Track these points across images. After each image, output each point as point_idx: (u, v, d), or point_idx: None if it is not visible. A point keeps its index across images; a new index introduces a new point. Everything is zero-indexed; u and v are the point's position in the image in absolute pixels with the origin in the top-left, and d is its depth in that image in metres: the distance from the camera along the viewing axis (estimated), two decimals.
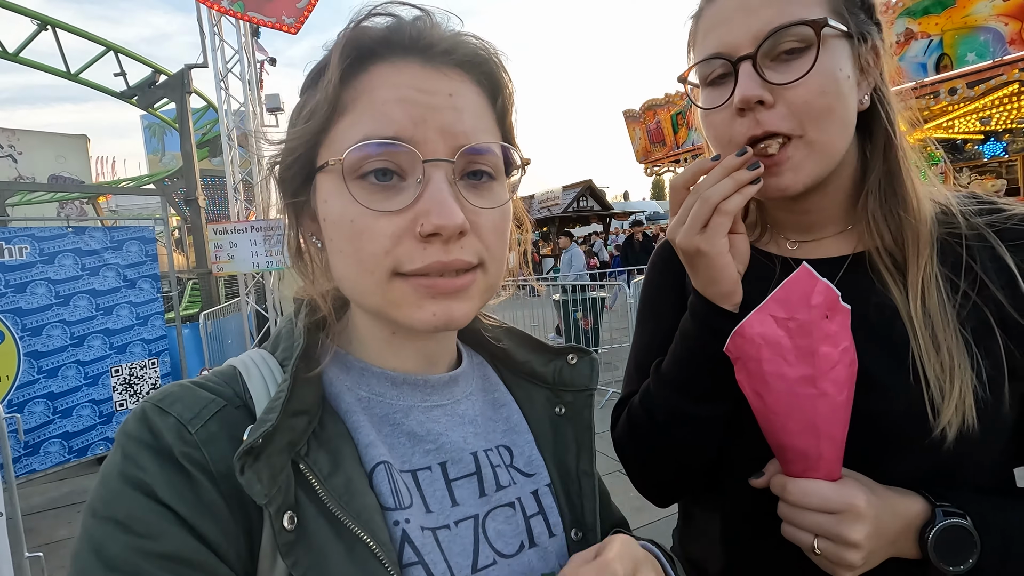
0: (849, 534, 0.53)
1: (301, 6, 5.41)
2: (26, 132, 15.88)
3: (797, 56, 0.59)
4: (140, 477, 0.41)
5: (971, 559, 0.55)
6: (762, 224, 0.74)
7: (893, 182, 0.64)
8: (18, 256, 4.07)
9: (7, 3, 6.59)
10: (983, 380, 0.57)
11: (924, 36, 8.68)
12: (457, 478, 0.53)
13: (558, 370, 0.64)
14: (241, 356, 0.53)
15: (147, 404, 0.45)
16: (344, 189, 0.46)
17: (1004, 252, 0.60)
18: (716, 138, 0.65)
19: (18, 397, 4.00)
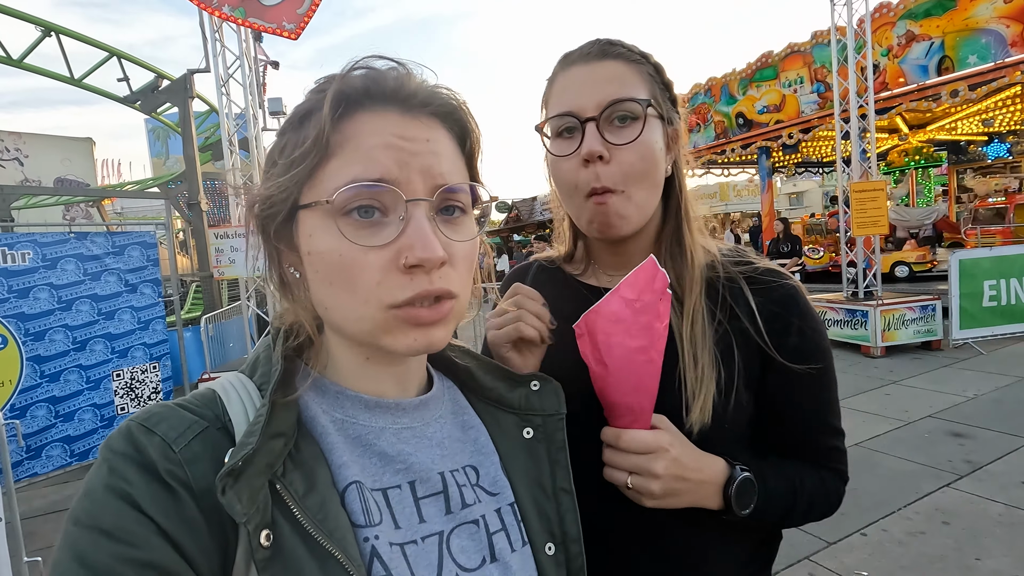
0: (654, 467, 0.69)
1: (301, 12, 5.44)
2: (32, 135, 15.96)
3: (628, 125, 0.76)
4: (126, 489, 0.43)
5: (753, 503, 0.74)
6: (586, 260, 0.92)
7: (680, 237, 0.83)
8: (21, 262, 4.11)
9: (12, 10, 6.65)
10: (720, 388, 0.75)
11: (925, 38, 8.65)
12: (424, 496, 0.56)
13: (524, 396, 0.68)
14: (219, 380, 0.55)
15: (132, 423, 0.47)
16: (332, 225, 0.50)
17: (749, 294, 0.79)
18: (563, 180, 0.80)
19: (20, 401, 4.03)
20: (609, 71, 0.76)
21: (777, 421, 0.81)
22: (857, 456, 4.04)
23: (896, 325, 6.94)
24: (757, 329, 0.78)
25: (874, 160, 7.62)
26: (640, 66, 0.78)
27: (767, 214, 12.65)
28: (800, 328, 0.79)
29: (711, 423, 0.73)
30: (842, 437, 0.84)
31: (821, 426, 0.82)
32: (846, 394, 5.46)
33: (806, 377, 0.77)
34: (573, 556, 0.63)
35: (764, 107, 11.19)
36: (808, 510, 0.80)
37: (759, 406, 0.80)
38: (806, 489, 0.79)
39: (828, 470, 0.82)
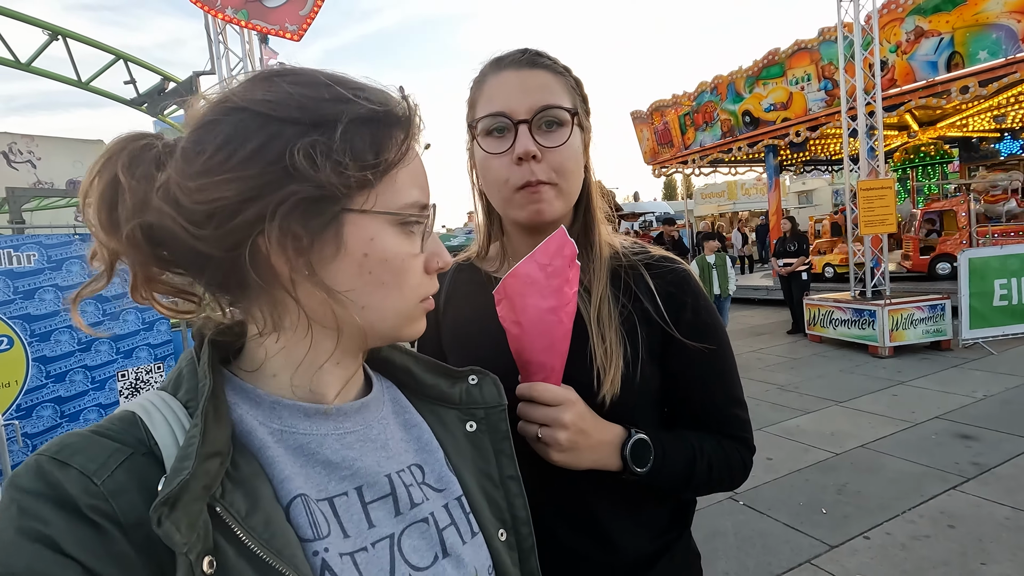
0: (562, 416, 0.75)
1: (303, 13, 5.47)
2: (45, 138, 16.16)
3: (555, 130, 0.83)
4: (41, 531, 0.39)
5: (649, 463, 0.81)
6: (502, 256, 0.97)
7: (588, 232, 0.91)
8: (26, 263, 4.16)
9: (19, 14, 6.73)
10: (627, 362, 0.83)
11: (934, 34, 8.53)
12: (372, 500, 0.55)
13: (465, 391, 0.70)
14: (138, 399, 0.51)
15: (41, 457, 0.43)
16: (395, 234, 0.54)
17: (649, 279, 0.88)
18: (495, 177, 0.85)
19: (27, 402, 4.08)
20: (539, 79, 0.83)
21: (680, 392, 0.90)
22: (861, 458, 4.00)
23: (904, 325, 6.86)
24: (657, 308, 0.86)
25: (882, 158, 7.53)
26: (564, 78, 0.85)
27: (774, 212, 12.55)
28: (693, 306, 0.88)
29: (620, 393, 0.81)
30: (743, 407, 0.92)
31: (720, 395, 0.90)
32: (851, 395, 5.40)
33: (704, 351, 0.86)
34: (523, 537, 0.66)
35: (771, 105, 11.09)
36: (709, 472, 0.86)
37: (664, 379, 0.89)
38: (705, 452, 0.86)
39: (729, 438, 0.90)
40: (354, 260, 0.52)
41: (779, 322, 9.41)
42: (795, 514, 3.27)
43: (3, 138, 15.58)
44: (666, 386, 0.89)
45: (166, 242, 0.49)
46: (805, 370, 6.51)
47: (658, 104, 13.90)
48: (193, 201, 0.46)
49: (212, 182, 0.46)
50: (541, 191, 0.82)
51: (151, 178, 0.47)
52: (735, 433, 0.91)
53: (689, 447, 0.86)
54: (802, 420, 4.85)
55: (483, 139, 0.85)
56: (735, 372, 0.92)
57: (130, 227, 0.47)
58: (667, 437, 0.85)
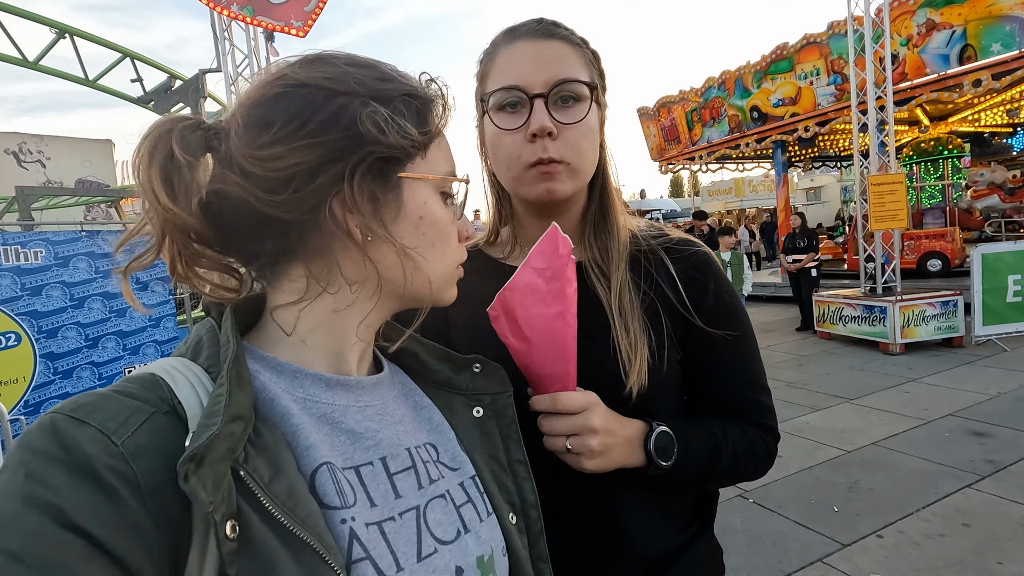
0: (591, 421, 0.71)
1: (308, 9, 5.46)
2: (54, 138, 16.31)
3: (572, 105, 0.79)
4: (48, 499, 0.37)
5: (673, 456, 0.77)
6: (512, 242, 0.93)
7: (605, 215, 0.86)
8: (34, 260, 4.17)
9: (26, 12, 6.76)
10: (652, 351, 0.80)
11: (946, 27, 8.40)
12: (397, 472, 0.55)
13: (470, 378, 0.70)
14: (158, 362, 0.51)
15: (57, 415, 0.41)
16: (440, 200, 0.59)
17: (669, 263, 0.85)
18: (506, 154, 0.81)
19: (34, 398, 4.09)
20: (556, 50, 0.78)
21: (701, 379, 0.86)
22: (874, 455, 3.95)
23: (916, 321, 6.78)
24: (678, 294, 0.83)
25: (892, 153, 7.44)
26: (582, 50, 0.81)
27: (783, 209, 12.45)
28: (715, 291, 0.85)
29: (648, 384, 0.78)
30: (766, 393, 0.89)
31: (743, 381, 0.87)
32: (862, 392, 5.34)
33: (726, 337, 0.83)
34: (532, 521, 0.66)
35: (779, 100, 10.98)
36: (734, 463, 0.82)
37: (685, 366, 0.85)
38: (730, 441, 0.82)
39: (753, 425, 0.86)
40: (411, 222, 0.56)
41: (787, 319, 9.33)
42: (806, 512, 3.23)
43: (13, 138, 15.73)
44: (687, 373, 0.86)
45: (226, 213, 0.51)
46: (814, 367, 6.45)
47: (665, 100, 13.82)
48: (267, 169, 0.49)
49: (288, 149, 0.49)
50: (553, 169, 0.79)
51: (202, 154, 0.50)
52: (759, 420, 0.87)
53: (712, 437, 0.82)
54: (812, 417, 4.80)
55: (495, 114, 0.80)
56: (758, 358, 0.89)
57: (199, 197, 0.50)
58: (690, 428, 0.82)
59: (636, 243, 0.87)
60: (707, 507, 0.92)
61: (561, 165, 0.79)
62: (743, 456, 0.83)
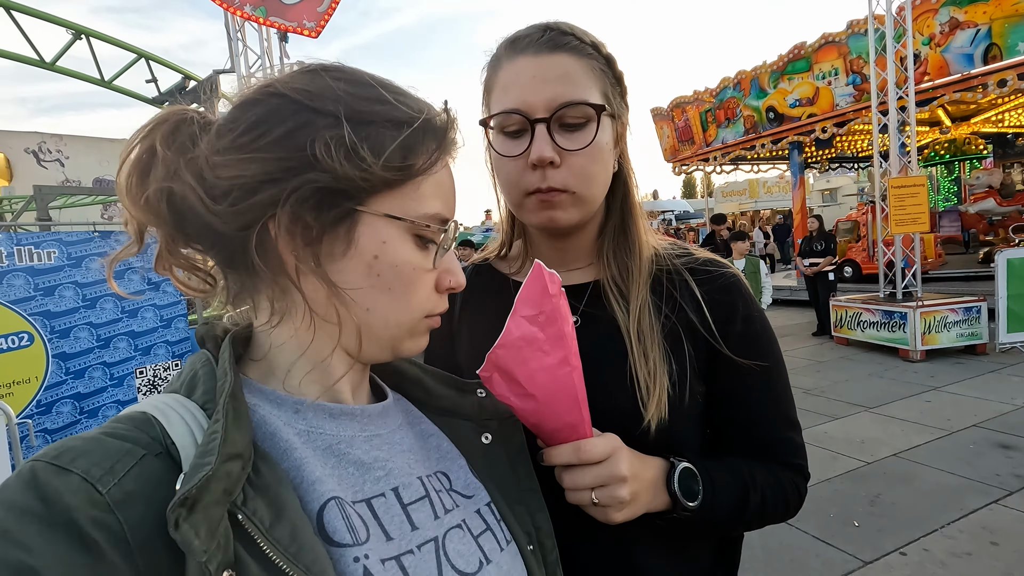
0: (619, 470, 0.64)
1: (321, 10, 5.44)
2: (72, 137, 16.58)
3: (579, 129, 0.72)
4: (24, 561, 0.34)
5: (699, 496, 0.70)
6: (523, 257, 0.88)
7: (626, 231, 0.81)
8: (47, 260, 4.19)
9: (43, 13, 6.83)
10: (673, 382, 0.73)
11: (971, 25, 8.19)
12: (411, 502, 0.53)
13: (476, 403, 0.67)
14: (149, 401, 0.47)
15: (38, 464, 0.38)
16: (410, 243, 0.53)
17: (694, 285, 0.78)
18: (507, 181, 0.76)
19: (46, 398, 4.11)
20: (560, 67, 0.71)
21: (727, 412, 0.79)
22: (895, 467, 3.83)
23: (937, 327, 6.61)
24: (703, 319, 0.77)
25: (914, 154, 7.28)
26: (592, 60, 0.74)
27: (799, 211, 12.25)
28: (745, 316, 0.78)
29: (668, 418, 0.72)
30: (797, 430, 0.82)
31: (772, 416, 0.80)
32: (882, 400, 5.20)
33: (755, 367, 0.76)
34: (548, 551, 0.63)
35: (796, 100, 10.80)
36: (762, 505, 0.75)
37: (709, 398, 0.79)
38: (758, 483, 0.76)
39: (781, 464, 0.79)
40: (363, 260, 0.51)
41: (803, 323, 9.17)
42: (825, 527, 3.13)
43: (33, 137, 16.00)
44: (711, 406, 0.79)
45: (185, 214, 0.49)
46: (832, 374, 6.31)
47: (679, 100, 13.67)
48: (215, 176, 0.46)
49: (236, 159, 0.46)
50: (554, 199, 0.73)
51: (185, 150, 0.48)
52: (789, 460, 0.80)
53: (740, 478, 0.75)
54: (830, 426, 4.68)
55: (496, 137, 0.76)
56: (789, 391, 0.82)
57: (150, 191, 0.48)
58: (714, 466, 0.75)
59: (658, 262, 0.81)
60: (731, 553, 0.85)
61: (564, 194, 0.73)
62: (772, 499, 0.77)
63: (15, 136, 15.90)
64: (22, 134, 16.09)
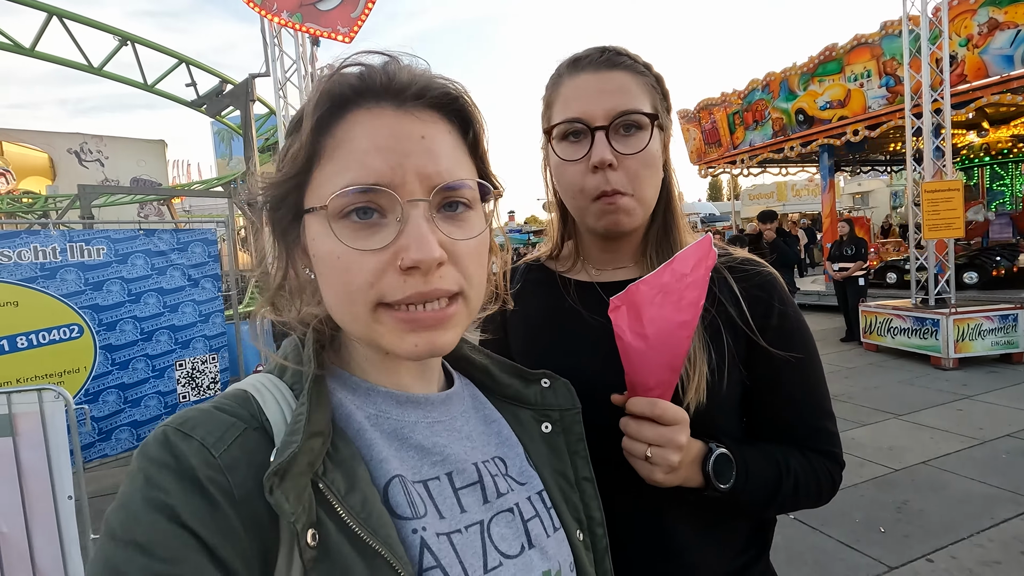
0: (679, 438, 0.71)
1: (354, 15, 5.59)
2: (112, 138, 17.15)
3: (634, 135, 0.80)
4: (164, 500, 0.42)
5: (731, 479, 0.76)
6: (575, 257, 0.95)
7: (667, 232, 0.87)
8: (96, 256, 4.40)
9: (94, 21, 7.14)
10: (712, 369, 0.79)
11: (1011, 26, 7.97)
12: (463, 487, 0.57)
13: (539, 392, 0.70)
14: (249, 379, 0.55)
15: (168, 428, 0.46)
16: (330, 229, 0.50)
17: (733, 282, 0.84)
18: (569, 184, 0.84)
19: (94, 387, 4.32)
20: (617, 81, 0.80)
21: (764, 402, 0.85)
22: (924, 475, 3.79)
23: (971, 335, 6.45)
24: (741, 313, 0.83)
25: (949, 158, 7.11)
26: (644, 77, 0.82)
27: (828, 215, 12.03)
28: (781, 311, 0.84)
29: (706, 402, 0.77)
30: (832, 419, 0.87)
31: (808, 406, 0.85)
32: (912, 408, 5.12)
33: (791, 359, 0.82)
34: (598, 538, 0.66)
35: (827, 103, 10.63)
36: (796, 490, 0.81)
37: (747, 388, 0.85)
38: (792, 468, 0.81)
39: (816, 452, 0.84)
40: (312, 260, 0.54)
41: (832, 329, 9.02)
42: (851, 531, 3.12)
43: (76, 138, 16.61)
44: (749, 395, 0.85)
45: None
46: (860, 380, 6.22)
47: (706, 102, 13.55)
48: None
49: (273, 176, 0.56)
50: (618, 202, 0.80)
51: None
52: (823, 447, 0.85)
53: (774, 463, 0.81)
54: (857, 432, 4.63)
55: (558, 144, 0.83)
56: (823, 382, 0.87)
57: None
58: (750, 451, 0.81)
59: None
60: (764, 533, 0.91)
61: (625, 197, 0.80)
62: (805, 484, 0.82)
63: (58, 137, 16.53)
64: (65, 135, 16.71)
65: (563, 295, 0.90)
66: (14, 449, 2.68)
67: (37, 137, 16.16)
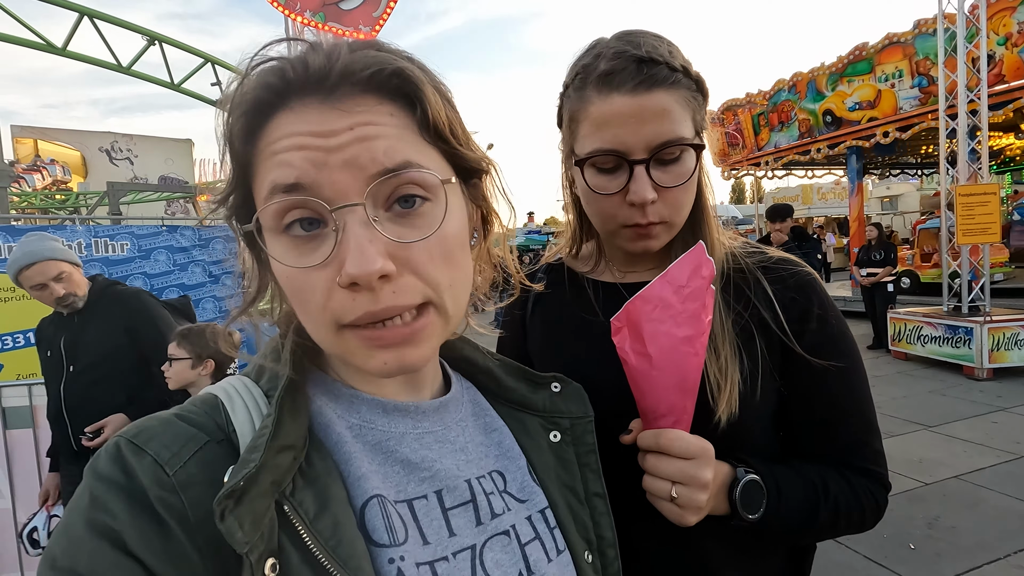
0: (703, 475, 0.64)
1: (376, 15, 5.60)
2: (141, 137, 17.63)
3: (675, 163, 0.72)
4: (109, 524, 0.38)
5: (762, 507, 0.70)
6: (597, 257, 0.89)
7: (698, 229, 0.80)
8: (120, 252, 4.48)
9: (123, 21, 7.31)
10: (744, 378, 0.73)
11: None
12: (453, 507, 0.52)
13: (548, 398, 0.65)
14: (222, 383, 0.51)
15: (122, 440, 0.42)
16: (276, 246, 0.45)
17: (766, 284, 0.78)
18: (602, 214, 0.77)
19: None
20: (656, 104, 0.69)
21: (802, 415, 0.78)
22: (957, 490, 3.63)
23: (1007, 345, 6.21)
24: (775, 317, 0.76)
25: (985, 160, 6.86)
26: (684, 89, 0.72)
27: (855, 219, 11.74)
28: (820, 316, 0.77)
29: (739, 413, 0.71)
30: (877, 436, 0.79)
31: (849, 418, 0.77)
32: (943, 419, 4.93)
33: (832, 368, 0.75)
34: (609, 561, 0.60)
35: (856, 103, 10.36)
36: (835, 517, 0.73)
37: (783, 398, 0.78)
38: (831, 493, 0.73)
39: (859, 472, 0.76)
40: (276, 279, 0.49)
41: (858, 336, 8.73)
42: (878, 547, 3.00)
43: (107, 137, 17.10)
44: (785, 406, 0.78)
45: None
46: (889, 389, 6.03)
47: (730, 103, 13.33)
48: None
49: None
50: (653, 232, 0.75)
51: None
52: (867, 467, 0.77)
53: (811, 487, 0.73)
54: (885, 444, 4.41)
55: (588, 171, 0.75)
56: (868, 394, 0.80)
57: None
58: (784, 474, 0.73)
59: (731, 262, 0.81)
60: (803, 561, 0.84)
61: (660, 226, 0.75)
62: (846, 510, 0.74)
63: (90, 136, 17.04)
64: (96, 134, 17.22)
65: (586, 298, 0.85)
66: (34, 440, 2.72)
67: (71, 136, 16.68)
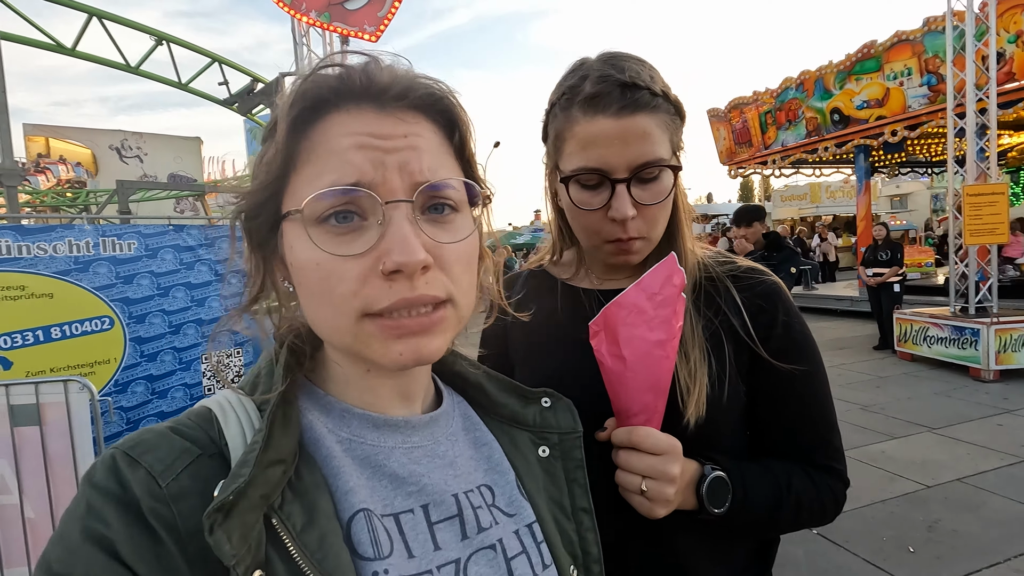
0: (671, 470, 0.69)
1: (381, 14, 5.62)
2: (151, 135, 17.74)
3: (655, 181, 0.78)
4: (103, 532, 0.40)
5: (727, 502, 0.74)
6: (577, 264, 0.93)
7: (672, 240, 0.84)
8: (127, 251, 4.53)
9: (131, 22, 7.37)
10: (713, 380, 0.77)
11: None
12: (439, 521, 0.52)
13: (538, 413, 0.66)
14: (216, 396, 0.52)
15: (117, 452, 0.44)
16: (307, 235, 0.47)
17: (735, 292, 0.83)
18: (585, 229, 0.82)
19: (123, 378, 4.45)
20: (639, 127, 0.75)
21: (767, 415, 0.83)
22: (959, 493, 3.62)
23: (1014, 346, 6.16)
24: (743, 323, 0.80)
25: (994, 160, 6.80)
26: (663, 113, 0.78)
27: (863, 218, 11.66)
28: (785, 322, 0.82)
29: (708, 414, 0.75)
30: (836, 435, 0.84)
31: (811, 419, 0.83)
32: (948, 421, 4.91)
33: (795, 372, 0.80)
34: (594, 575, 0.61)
35: (864, 102, 10.28)
36: (798, 511, 0.79)
37: (750, 400, 0.82)
38: (793, 488, 0.79)
39: (820, 469, 0.82)
40: (291, 271, 0.51)
41: (864, 336, 8.74)
42: (878, 550, 3.00)
43: (117, 135, 17.22)
44: (752, 408, 0.83)
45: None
46: (893, 390, 6.00)
47: (737, 101, 13.26)
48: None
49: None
50: (633, 247, 0.80)
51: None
52: (827, 464, 0.83)
53: (774, 482, 0.79)
54: (888, 445, 4.46)
55: (573, 187, 0.80)
56: (829, 396, 0.85)
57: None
58: (750, 471, 0.78)
59: (701, 270, 0.86)
60: (767, 551, 0.89)
61: (640, 241, 0.80)
62: (808, 505, 0.80)
63: (101, 134, 17.16)
64: (107, 132, 17.35)
65: (566, 304, 0.89)
66: (41, 438, 2.77)
67: (81, 134, 16.82)
